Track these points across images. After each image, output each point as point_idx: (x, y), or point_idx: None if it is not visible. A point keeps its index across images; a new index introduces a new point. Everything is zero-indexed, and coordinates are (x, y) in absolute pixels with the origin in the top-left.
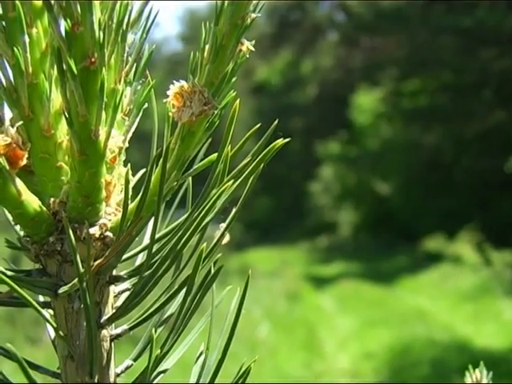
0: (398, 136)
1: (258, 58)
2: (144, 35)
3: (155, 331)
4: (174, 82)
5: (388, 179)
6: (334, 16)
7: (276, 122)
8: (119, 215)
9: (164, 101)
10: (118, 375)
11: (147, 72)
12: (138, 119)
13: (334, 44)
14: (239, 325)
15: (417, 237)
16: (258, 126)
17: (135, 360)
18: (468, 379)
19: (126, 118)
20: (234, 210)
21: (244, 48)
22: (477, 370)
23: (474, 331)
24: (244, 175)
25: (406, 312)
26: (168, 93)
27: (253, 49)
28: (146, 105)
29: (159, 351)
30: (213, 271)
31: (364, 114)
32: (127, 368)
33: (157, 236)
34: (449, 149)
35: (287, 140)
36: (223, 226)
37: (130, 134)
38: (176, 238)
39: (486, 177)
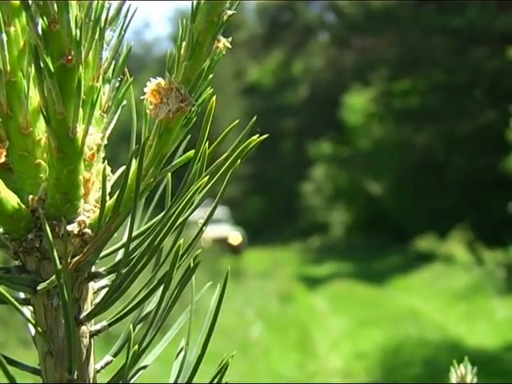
0: (389, 136)
1: (249, 59)
2: (122, 32)
3: (134, 328)
4: (151, 79)
5: (380, 179)
6: (324, 17)
7: (255, 118)
8: (97, 212)
9: (141, 98)
10: (97, 371)
11: (126, 69)
12: (116, 116)
13: (325, 44)
14: (231, 325)
15: (409, 237)
16: (237, 121)
17: (115, 356)
18: (453, 375)
19: (105, 116)
20: (212, 206)
21: (220, 45)
22: (461, 366)
23: (467, 330)
24: (221, 171)
25: (399, 312)
26: (145, 90)
27: (229, 46)
28: (125, 102)
29: (137, 347)
30: (192, 266)
31: (355, 115)
32: (107, 364)
33: (135, 233)
34: (440, 149)
35: (264, 137)
36: (201, 221)
37: (108, 132)
38: (153, 234)
39: (478, 176)
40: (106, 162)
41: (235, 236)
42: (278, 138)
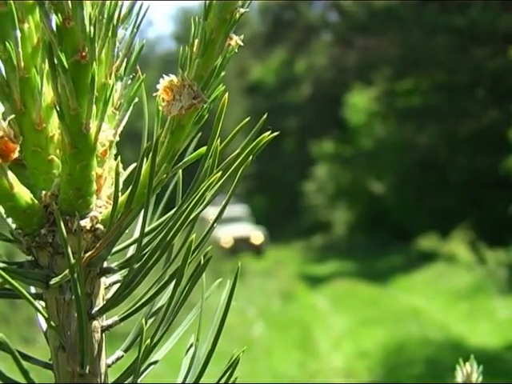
0: (391, 135)
1: (252, 58)
2: (134, 30)
3: (145, 322)
4: (164, 76)
5: (382, 178)
6: (327, 16)
7: (265, 115)
8: (110, 208)
9: (154, 95)
10: (109, 366)
11: (138, 67)
12: (128, 113)
13: (327, 44)
14: (233, 324)
15: (411, 236)
16: (248, 119)
17: (126, 351)
18: (459, 373)
19: (117, 112)
20: (223, 203)
21: (233, 42)
22: (467, 364)
23: (468, 330)
24: (232, 168)
25: (401, 311)
26: (158, 87)
27: (241, 43)
28: (137, 99)
29: (149, 341)
30: (203, 262)
31: (358, 114)
32: (118, 359)
33: (147, 228)
34: (443, 148)
35: (276, 133)
36: (212, 218)
37: (120, 128)
38: (165, 230)
39: (480, 176)
40: (118, 158)
41: (257, 235)
42: (281, 136)
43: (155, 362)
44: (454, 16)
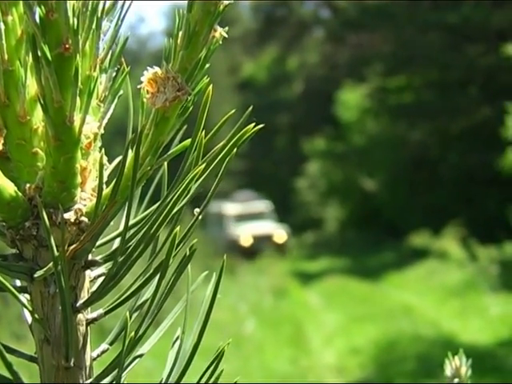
0: (384, 132)
1: (244, 55)
2: (119, 23)
3: (130, 316)
4: (148, 68)
5: (374, 175)
6: (319, 13)
7: (250, 108)
8: (94, 200)
9: (138, 87)
10: (94, 359)
11: (122, 59)
12: (113, 106)
13: (319, 40)
14: (225, 321)
15: (403, 233)
16: (233, 111)
17: (111, 344)
18: (448, 367)
19: (102, 105)
20: (208, 196)
21: (217, 34)
22: (456, 358)
23: (460, 326)
24: (217, 160)
25: (393, 308)
26: (142, 79)
27: (225, 35)
28: (122, 92)
29: (133, 334)
30: (188, 255)
31: (350, 111)
32: (103, 352)
33: (131, 221)
34: (435, 145)
35: (261, 126)
36: (197, 210)
37: (105, 121)
38: (150, 222)
39: (472, 173)
40: (102, 150)
41: (280, 233)
42: (273, 133)
43: (140, 356)
44: (447, 13)
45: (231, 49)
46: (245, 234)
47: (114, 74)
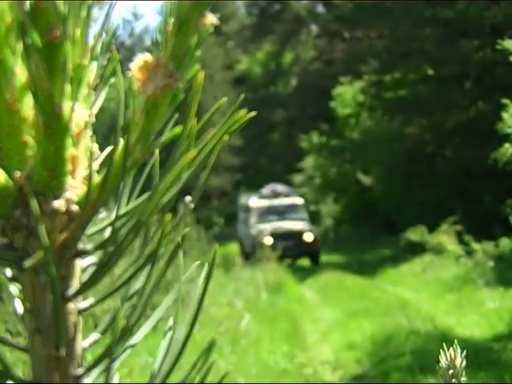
0: (379, 127)
1: (239, 50)
2: (110, 9)
3: (122, 304)
4: (138, 55)
5: (370, 170)
6: (314, 7)
7: (243, 96)
8: (85, 189)
9: (128, 75)
10: (85, 349)
11: (113, 47)
12: (104, 94)
13: (315, 35)
14: (221, 316)
15: (399, 228)
16: (225, 99)
17: (103, 334)
18: (443, 358)
19: (92, 93)
20: (199, 185)
21: (208, 21)
22: (451, 349)
23: (456, 321)
24: (209, 146)
25: (389, 303)
26: (132, 66)
27: (216, 22)
28: (113, 80)
29: (124, 323)
30: (179, 242)
31: (346, 106)
32: (94, 342)
33: (122, 210)
34: (430, 140)
35: (253, 114)
36: (189, 198)
37: (96, 109)
38: (141, 211)
39: (468, 168)
40: (93, 138)
41: (309, 233)
42: (268, 128)
43: (132, 346)
44: (442, 8)
45: (226, 44)
46: (267, 232)
47: (105, 62)
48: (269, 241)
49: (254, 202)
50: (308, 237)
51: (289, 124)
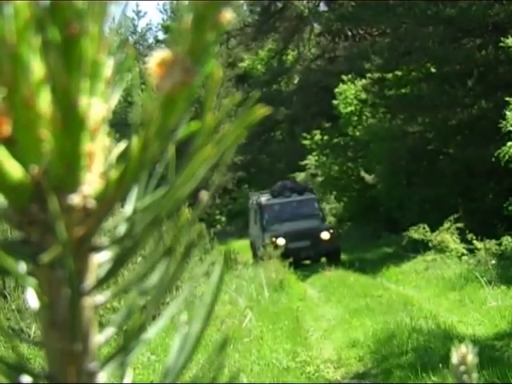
0: (382, 125)
1: (242, 48)
2: (126, 7)
3: (137, 299)
4: (155, 50)
5: (372, 168)
6: (317, 6)
7: (258, 92)
8: (101, 183)
9: (145, 69)
10: (100, 343)
11: (129, 42)
12: (121, 90)
13: (317, 33)
14: (223, 314)
15: (401, 226)
16: (239, 95)
17: (118, 328)
18: (454, 355)
19: (109, 88)
20: (215, 178)
21: (224, 18)
22: (462, 345)
23: (459, 319)
24: (226, 141)
25: (391, 301)
26: (149, 62)
27: (233, 19)
28: (130, 75)
29: (139, 318)
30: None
31: (348, 103)
32: (109, 336)
33: (138, 205)
34: (433, 138)
35: (269, 110)
36: (205, 192)
37: (112, 104)
38: (157, 206)
39: (471, 166)
40: (111, 134)
41: (325, 231)
42: (271, 126)
43: (146, 341)
44: (445, 6)
45: (229, 42)
46: (280, 233)
47: (122, 57)
48: (282, 242)
49: (266, 200)
50: (325, 235)
51: (291, 122)
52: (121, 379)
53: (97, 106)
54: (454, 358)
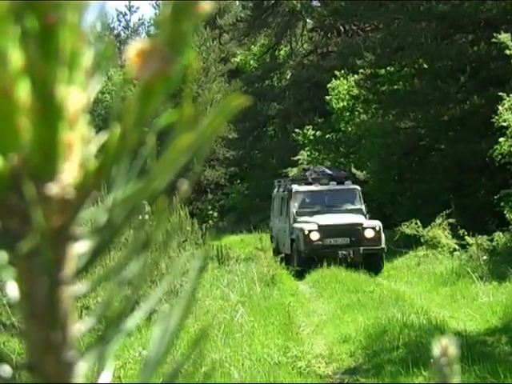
0: (374, 121)
1: (234, 43)
2: None
3: (116, 289)
4: (134, 40)
5: (364, 164)
6: (309, 1)
7: (238, 87)
8: (80, 173)
9: (124, 59)
10: (80, 333)
11: (107, 32)
12: (100, 79)
13: (310, 29)
14: (215, 309)
15: (393, 221)
16: (232, 85)
17: (97, 318)
18: (436, 347)
19: (88, 77)
20: (196, 167)
21: (202, 8)
22: (444, 338)
23: (450, 315)
24: (205, 130)
25: (383, 296)
26: (128, 51)
27: (211, 8)
28: (109, 65)
29: (120, 307)
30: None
31: (340, 99)
32: (88, 327)
33: (118, 195)
34: (425, 134)
35: (247, 99)
36: (184, 181)
37: (92, 94)
38: (136, 195)
39: (463, 162)
40: (90, 123)
41: (369, 229)
42: (263, 122)
43: (126, 331)
44: (437, 2)
45: (221, 37)
46: (314, 226)
47: (100, 45)
48: (316, 236)
49: (298, 186)
50: (369, 233)
51: (283, 117)
52: (101, 370)
53: (75, 96)
54: (436, 351)
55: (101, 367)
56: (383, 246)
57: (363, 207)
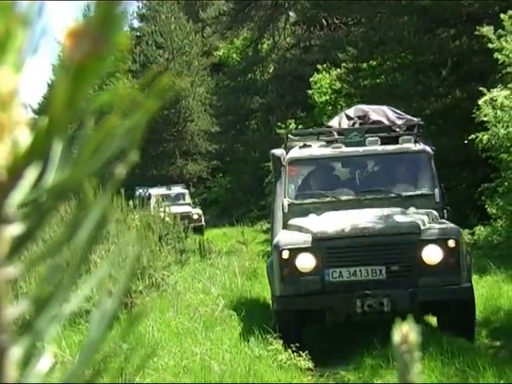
0: None
1: (217, 37)
2: None
3: (49, 272)
4: (67, 22)
5: None
6: None
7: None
8: (11, 157)
9: (55, 41)
10: (11, 319)
11: (43, 12)
12: (33, 60)
13: (293, 22)
14: (196, 302)
15: None
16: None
17: (32, 300)
18: (396, 333)
19: (21, 59)
20: (130, 153)
21: None
22: (404, 324)
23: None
24: (136, 114)
25: None
26: (60, 33)
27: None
28: (43, 45)
29: (54, 291)
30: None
31: (323, 93)
32: (22, 311)
33: (49, 178)
34: None
35: (173, 78)
36: (120, 165)
37: (25, 76)
38: (68, 177)
39: (444, 156)
40: (23, 106)
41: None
42: (245, 115)
43: (61, 317)
44: None
45: (204, 31)
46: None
47: (35, 26)
48: (305, 261)
49: (297, 152)
50: (432, 253)
51: (266, 111)
52: (37, 356)
53: (7, 77)
54: (396, 337)
55: (37, 354)
56: (469, 289)
57: (437, 192)
